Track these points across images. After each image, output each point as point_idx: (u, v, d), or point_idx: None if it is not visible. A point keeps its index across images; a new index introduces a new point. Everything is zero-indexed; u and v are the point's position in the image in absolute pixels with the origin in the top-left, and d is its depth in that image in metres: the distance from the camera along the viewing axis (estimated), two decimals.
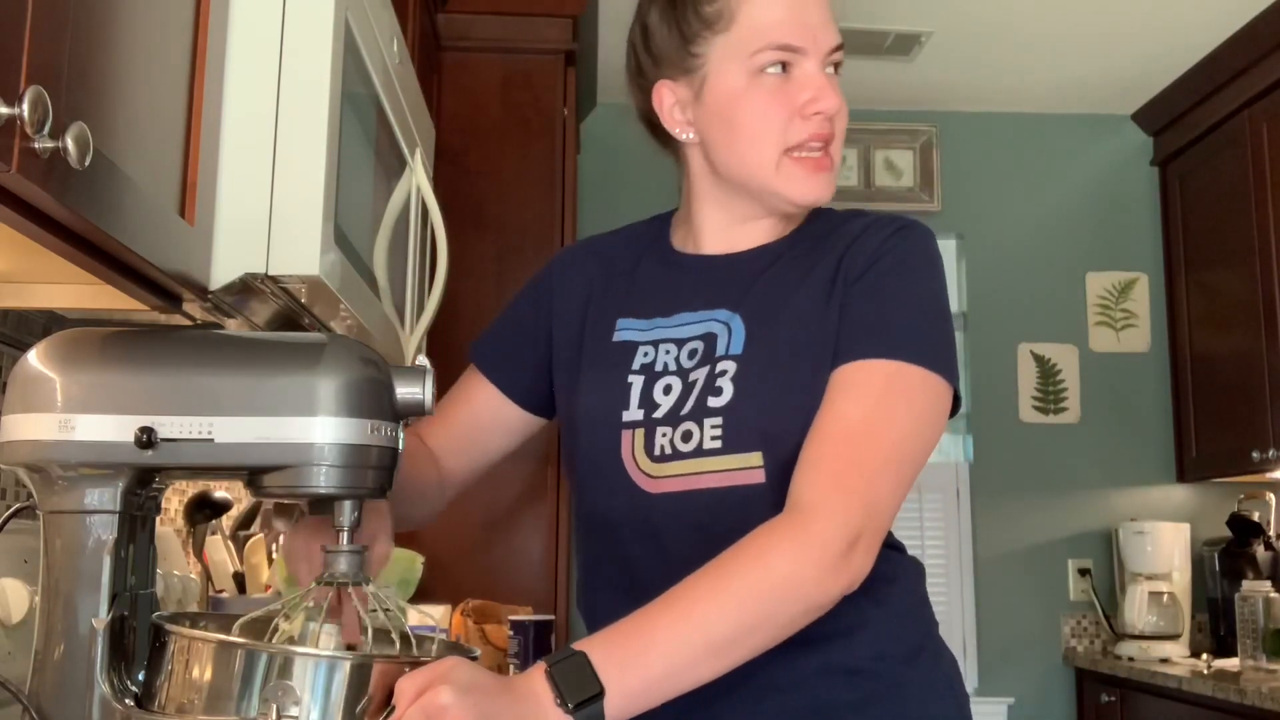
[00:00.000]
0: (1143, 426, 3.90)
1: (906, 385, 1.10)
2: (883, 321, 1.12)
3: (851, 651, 1.13)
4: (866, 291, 1.14)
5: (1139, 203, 4.02)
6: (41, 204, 0.76)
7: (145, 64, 0.92)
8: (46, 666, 0.93)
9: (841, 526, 1.01)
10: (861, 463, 1.05)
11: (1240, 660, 3.22)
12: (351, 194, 1.26)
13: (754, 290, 1.19)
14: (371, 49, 1.36)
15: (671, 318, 1.22)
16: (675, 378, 1.18)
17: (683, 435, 1.15)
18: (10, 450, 0.94)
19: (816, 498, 1.03)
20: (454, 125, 2.80)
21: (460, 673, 0.87)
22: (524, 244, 2.81)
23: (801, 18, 1.15)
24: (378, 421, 0.97)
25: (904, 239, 1.17)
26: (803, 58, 1.16)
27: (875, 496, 1.04)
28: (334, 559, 0.99)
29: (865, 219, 1.21)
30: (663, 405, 1.17)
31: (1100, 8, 3.29)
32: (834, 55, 1.18)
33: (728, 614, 0.96)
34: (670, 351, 1.19)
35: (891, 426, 1.08)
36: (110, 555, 0.94)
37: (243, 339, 1.04)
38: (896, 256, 1.16)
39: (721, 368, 1.15)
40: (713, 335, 1.18)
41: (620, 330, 1.24)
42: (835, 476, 1.04)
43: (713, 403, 1.14)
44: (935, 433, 1.12)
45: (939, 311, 1.15)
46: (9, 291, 1.10)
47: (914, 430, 1.09)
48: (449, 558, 2.67)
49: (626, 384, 1.19)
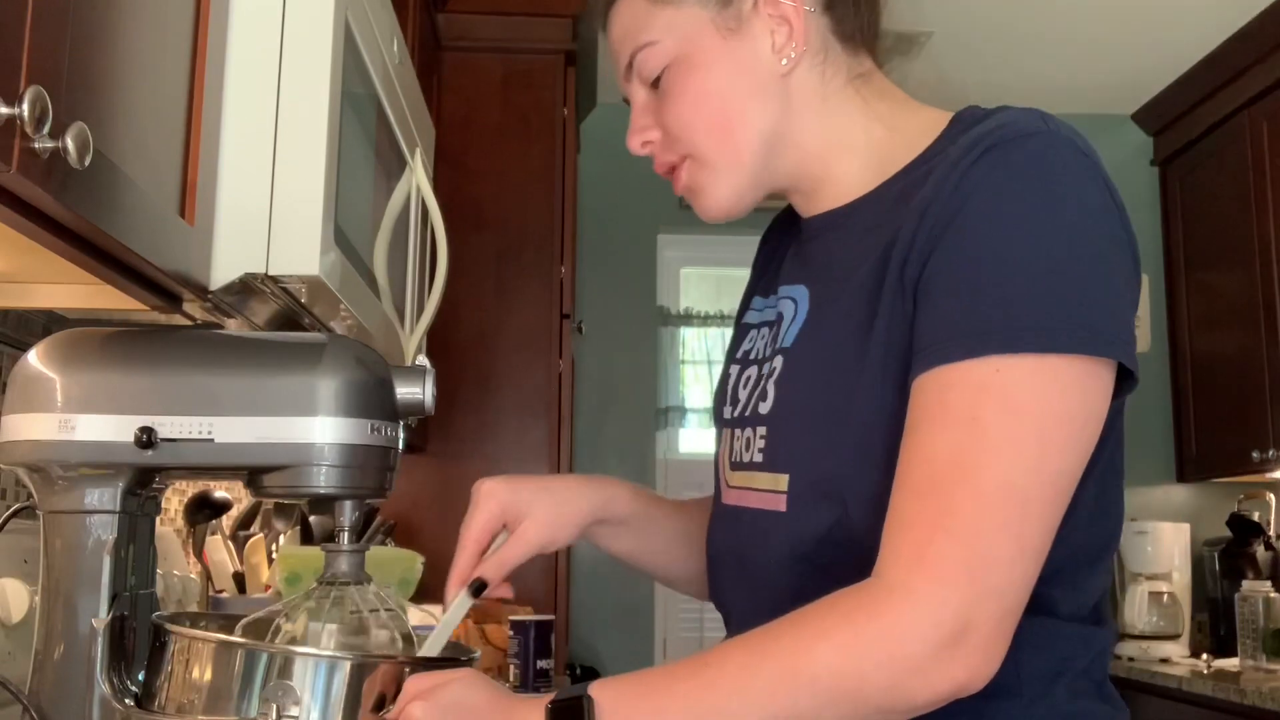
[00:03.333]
0: (1143, 426, 3.90)
1: (1007, 390, 0.80)
2: (967, 304, 0.82)
3: None
4: (944, 263, 0.84)
5: (1139, 203, 4.02)
6: (41, 204, 0.76)
7: (145, 64, 0.92)
8: (46, 666, 0.93)
9: (934, 615, 0.77)
10: (955, 519, 0.78)
11: (1240, 660, 3.22)
12: (351, 194, 1.26)
13: (824, 260, 1.00)
14: (371, 49, 1.36)
15: (776, 293, 1.05)
16: (754, 368, 1.03)
17: (746, 442, 1.00)
18: (10, 450, 0.94)
19: (898, 576, 0.79)
20: (454, 125, 2.81)
21: (450, 690, 0.85)
22: (524, 244, 2.81)
23: (613, 60, 1.04)
24: (378, 421, 0.97)
25: (993, 165, 0.84)
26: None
27: (982, 563, 0.78)
28: (334, 559, 0.99)
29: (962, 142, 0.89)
30: (741, 401, 1.03)
31: (1100, 8, 3.29)
32: (636, 78, 1.01)
33: (752, 698, 0.79)
34: (764, 336, 1.04)
35: (994, 459, 0.79)
36: (110, 555, 0.94)
37: (243, 339, 1.04)
38: (981, 198, 0.84)
39: (773, 366, 0.98)
40: (781, 317, 1.01)
41: (750, 310, 1.11)
42: (921, 545, 0.78)
43: (761, 409, 0.98)
44: (1069, 440, 0.81)
45: (1056, 257, 0.82)
46: (9, 291, 1.10)
47: (1030, 454, 0.79)
48: (449, 558, 2.67)
49: (727, 375, 1.08)
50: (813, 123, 1.00)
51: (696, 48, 0.98)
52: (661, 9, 0.98)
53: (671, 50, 0.98)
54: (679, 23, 0.98)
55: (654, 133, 1.01)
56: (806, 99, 1.00)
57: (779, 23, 0.98)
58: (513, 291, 2.79)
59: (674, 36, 0.98)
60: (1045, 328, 0.80)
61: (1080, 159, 0.87)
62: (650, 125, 1.01)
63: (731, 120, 0.98)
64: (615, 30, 1.02)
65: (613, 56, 1.04)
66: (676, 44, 0.98)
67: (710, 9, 0.98)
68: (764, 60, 0.98)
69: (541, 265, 2.81)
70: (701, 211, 1.02)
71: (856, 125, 1.01)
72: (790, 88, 0.99)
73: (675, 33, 0.98)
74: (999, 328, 0.81)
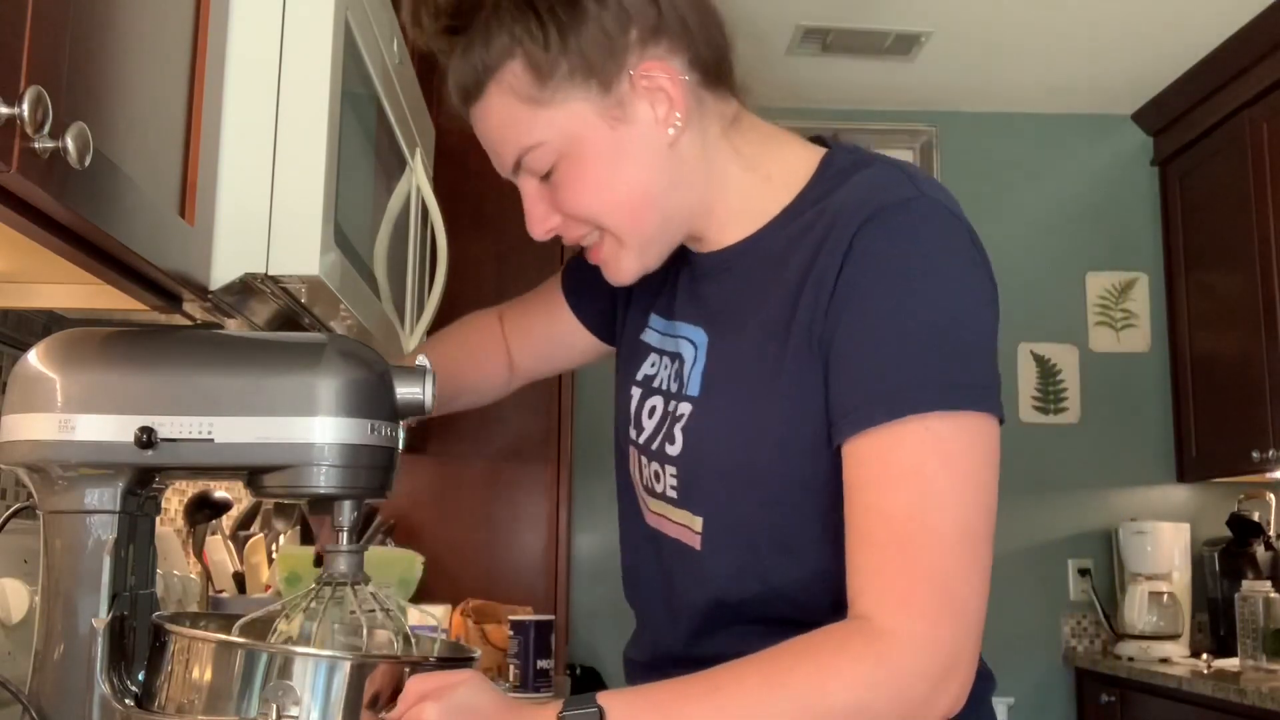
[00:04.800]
0: (1143, 426, 3.90)
1: (940, 445, 0.89)
2: (881, 370, 0.91)
3: None
4: (850, 333, 0.92)
5: (1139, 203, 4.02)
6: (41, 204, 0.76)
7: (145, 64, 0.92)
8: (46, 666, 0.93)
9: (932, 655, 0.86)
10: (927, 566, 0.87)
11: (1240, 660, 3.22)
12: (351, 194, 1.26)
13: (717, 305, 1.05)
14: (371, 49, 1.36)
15: (675, 323, 1.10)
16: (660, 399, 1.08)
17: (654, 474, 1.07)
18: (10, 450, 0.94)
19: (892, 622, 0.87)
20: (454, 125, 2.80)
21: (460, 692, 0.86)
22: (524, 244, 2.80)
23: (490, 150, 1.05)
24: (378, 421, 0.97)
25: (878, 235, 0.92)
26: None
27: (958, 603, 0.88)
28: (334, 559, 0.99)
29: (841, 200, 0.97)
30: (646, 431, 1.09)
31: (1100, 8, 3.29)
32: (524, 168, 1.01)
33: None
34: (667, 366, 1.09)
35: (945, 508, 0.88)
36: (110, 555, 0.94)
37: (243, 339, 1.04)
38: (873, 267, 0.92)
39: (680, 410, 1.04)
40: (682, 359, 1.07)
41: (649, 327, 1.14)
42: (906, 593, 0.87)
43: (669, 450, 1.04)
44: (993, 479, 0.91)
45: (950, 323, 0.91)
46: (9, 291, 1.10)
47: (972, 501, 0.89)
48: (449, 558, 2.67)
49: (630, 394, 1.13)
50: (700, 180, 1.02)
51: (586, 141, 0.98)
52: (541, 110, 0.98)
53: (559, 147, 0.98)
54: (562, 120, 0.98)
55: (555, 219, 1.03)
56: (693, 161, 1.02)
57: (657, 95, 0.98)
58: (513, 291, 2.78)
59: (560, 134, 0.98)
60: (957, 388, 0.90)
61: (951, 222, 0.95)
62: (549, 212, 1.02)
63: (632, 200, 1.00)
64: (489, 128, 1.01)
65: (488, 149, 1.03)
66: (564, 141, 0.98)
67: (593, 101, 0.98)
68: (650, 135, 0.99)
69: (541, 265, 2.80)
70: (613, 279, 1.05)
71: (732, 175, 1.04)
72: (678, 154, 1.00)
73: (561, 130, 0.98)
74: (917, 392, 0.89)
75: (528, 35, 0.96)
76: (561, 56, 0.96)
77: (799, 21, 3.34)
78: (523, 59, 0.96)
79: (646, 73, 0.98)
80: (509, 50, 0.97)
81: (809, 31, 3.40)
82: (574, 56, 0.96)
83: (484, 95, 0.99)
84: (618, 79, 0.97)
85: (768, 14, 3.22)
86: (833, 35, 3.43)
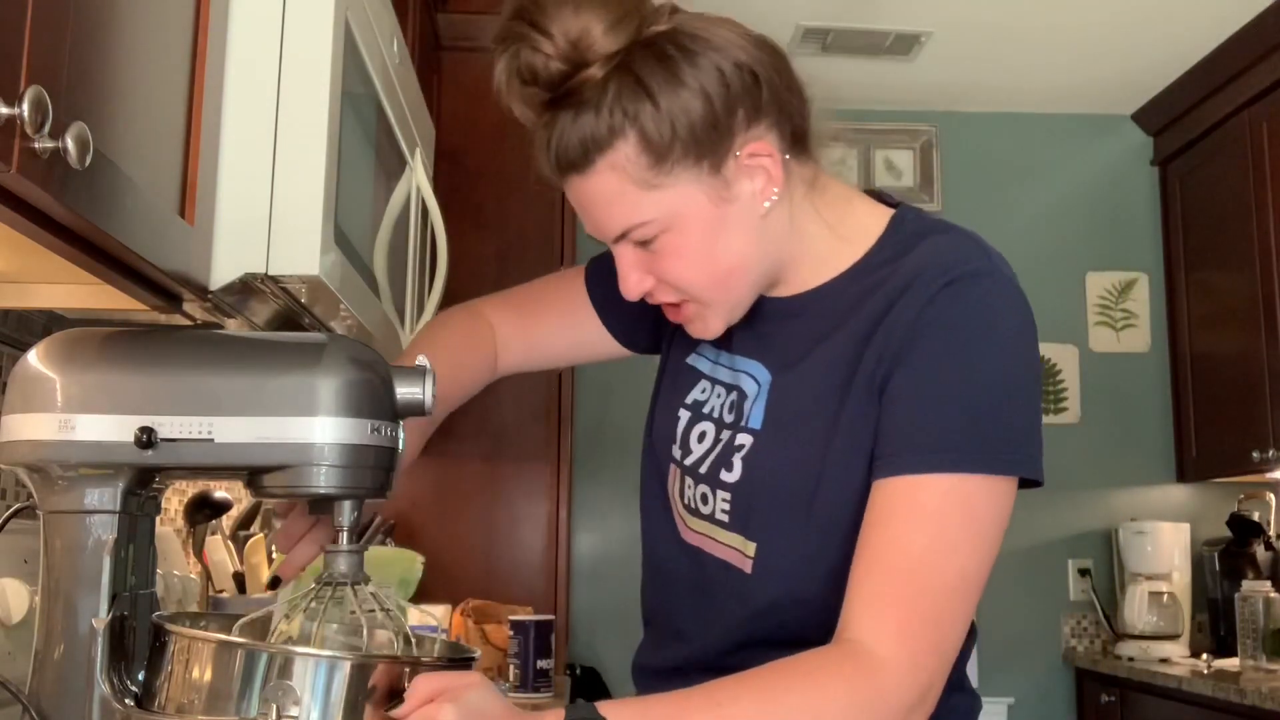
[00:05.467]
0: (1143, 426, 3.90)
1: (966, 500, 0.98)
2: (931, 423, 0.98)
3: None
4: (910, 382, 1.00)
5: (1139, 203, 4.02)
6: (41, 204, 0.76)
7: (145, 64, 0.92)
8: (46, 666, 0.93)
9: (914, 685, 0.94)
10: (928, 603, 0.96)
11: (1240, 660, 3.22)
12: (351, 194, 1.26)
13: (783, 346, 1.10)
14: (371, 49, 1.36)
15: (728, 355, 1.15)
16: (711, 425, 1.13)
17: (702, 496, 1.12)
18: (10, 450, 0.94)
19: (887, 651, 0.94)
20: (454, 125, 2.80)
21: (473, 694, 0.87)
22: (524, 244, 2.81)
23: (582, 216, 1.06)
24: (378, 421, 0.97)
25: (952, 301, 1.00)
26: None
27: (944, 640, 0.97)
28: (334, 559, 0.99)
29: (918, 261, 1.03)
30: (694, 454, 1.13)
31: (1100, 8, 3.29)
32: (627, 238, 1.03)
33: None
34: (721, 396, 1.13)
35: (955, 554, 0.97)
36: (110, 555, 0.93)
37: (243, 339, 1.04)
38: (942, 330, 0.99)
39: (740, 440, 1.09)
40: (743, 393, 1.11)
41: (698, 353, 1.18)
42: (903, 624, 0.95)
43: (725, 476, 1.09)
44: (998, 540, 1.00)
45: (1002, 390, 0.99)
46: (9, 291, 1.10)
47: (978, 552, 0.98)
48: (449, 558, 2.67)
49: (677, 417, 1.16)
50: (785, 242, 1.07)
51: (691, 218, 1.01)
52: (651, 191, 1.00)
53: (665, 223, 1.01)
54: (670, 200, 1.00)
55: (650, 282, 1.05)
56: (782, 226, 1.06)
57: (758, 171, 1.02)
58: None
59: (668, 213, 1.01)
60: (995, 455, 0.98)
61: (1019, 298, 1.03)
62: (644, 277, 1.05)
63: (730, 272, 1.04)
64: (591, 201, 1.03)
65: (586, 214, 1.05)
66: (670, 218, 1.01)
67: (703, 182, 1.00)
68: (748, 209, 1.03)
69: (541, 265, 2.81)
70: (698, 335, 1.09)
71: (811, 234, 1.08)
72: (769, 222, 1.05)
73: (668, 209, 1.01)
74: (961, 452, 0.97)
75: (642, 116, 0.98)
76: (675, 141, 0.98)
77: (799, 21, 3.35)
78: (637, 140, 0.98)
79: (752, 153, 1.01)
80: (622, 130, 0.98)
81: (809, 31, 3.40)
82: (686, 140, 0.98)
83: (591, 170, 1.00)
84: (725, 160, 1.00)
85: (768, 14, 3.22)
86: (833, 35, 3.43)
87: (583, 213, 1.05)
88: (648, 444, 1.21)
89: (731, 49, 1.00)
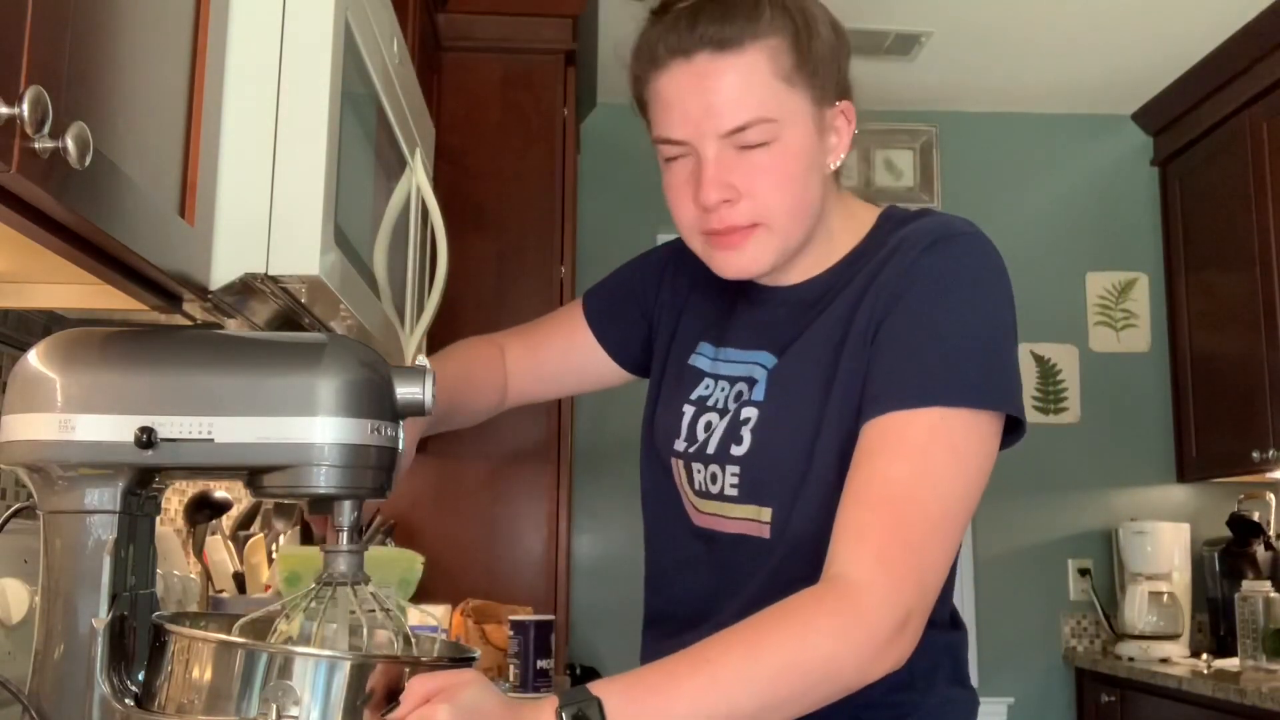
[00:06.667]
0: (1143, 426, 3.90)
1: (950, 435, 1.01)
2: (916, 363, 1.03)
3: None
4: (896, 329, 1.05)
5: (1139, 203, 4.02)
6: (41, 204, 0.76)
7: (145, 64, 0.92)
8: (46, 666, 0.93)
9: (893, 608, 0.95)
10: (909, 532, 0.98)
11: (1240, 660, 3.22)
12: (351, 194, 1.26)
13: (788, 330, 1.15)
14: (371, 49, 1.36)
15: (731, 350, 1.20)
16: (717, 415, 1.17)
17: (711, 476, 1.16)
18: (10, 450, 0.94)
19: (864, 575, 0.96)
20: (454, 125, 2.80)
21: (468, 693, 0.87)
22: (524, 244, 2.81)
23: (683, 108, 1.07)
24: (378, 421, 0.97)
25: (936, 256, 1.07)
26: (694, 148, 1.08)
27: (925, 570, 0.98)
28: (334, 559, 0.99)
29: (900, 234, 1.11)
30: (698, 441, 1.17)
31: (1100, 8, 3.29)
32: (735, 137, 1.06)
33: (757, 688, 0.92)
34: (724, 389, 1.18)
35: (938, 487, 1.00)
36: (110, 555, 0.94)
37: (243, 339, 1.04)
38: (927, 281, 1.06)
39: (746, 414, 1.14)
40: (751, 379, 1.16)
41: (697, 353, 1.24)
42: (881, 550, 0.97)
43: (734, 450, 1.13)
44: (983, 477, 1.03)
45: (983, 334, 1.05)
46: (9, 291, 1.10)
47: (962, 487, 1.01)
48: (449, 558, 2.67)
49: (681, 413, 1.20)
50: (821, 212, 1.13)
51: (798, 136, 1.08)
52: (784, 89, 1.07)
53: (778, 131, 1.07)
54: (792, 108, 1.07)
55: (730, 192, 1.08)
56: (828, 193, 1.14)
57: (843, 129, 1.13)
58: (513, 291, 2.79)
59: (791, 119, 1.07)
60: (977, 389, 1.03)
61: (995, 256, 1.10)
62: (727, 187, 1.08)
63: (809, 206, 1.10)
64: (727, 83, 1.06)
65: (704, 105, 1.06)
66: (787, 127, 1.07)
67: (815, 105, 1.09)
68: (826, 159, 1.12)
69: (541, 265, 2.81)
70: (736, 267, 1.11)
71: (833, 214, 1.16)
72: (827, 186, 1.14)
73: (792, 115, 1.07)
74: (943, 386, 1.01)
75: (798, 23, 1.08)
76: (813, 56, 1.08)
77: None
78: (791, 39, 1.07)
79: (842, 110, 1.13)
80: (781, 25, 1.07)
81: None
82: (819, 60, 1.09)
83: (740, 50, 1.06)
84: (830, 103, 1.11)
85: None
86: None
87: (701, 104, 1.06)
88: (648, 446, 1.25)
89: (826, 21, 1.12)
